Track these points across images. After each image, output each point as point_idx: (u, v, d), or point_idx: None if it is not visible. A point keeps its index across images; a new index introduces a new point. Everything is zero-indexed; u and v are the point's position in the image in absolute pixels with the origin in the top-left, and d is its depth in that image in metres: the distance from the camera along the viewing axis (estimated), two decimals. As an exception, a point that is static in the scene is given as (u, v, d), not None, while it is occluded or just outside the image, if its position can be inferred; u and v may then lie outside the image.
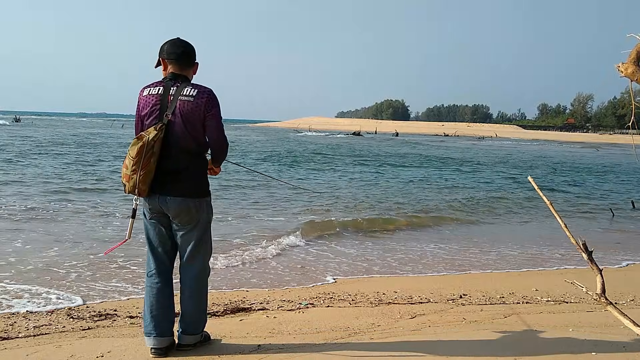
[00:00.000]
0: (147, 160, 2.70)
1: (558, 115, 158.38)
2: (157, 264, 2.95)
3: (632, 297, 4.85)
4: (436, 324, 3.78)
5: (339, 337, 3.39)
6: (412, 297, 4.73)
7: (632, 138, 36.14)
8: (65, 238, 6.69)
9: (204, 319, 3.07)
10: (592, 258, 2.59)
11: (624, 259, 7.04)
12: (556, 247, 7.55)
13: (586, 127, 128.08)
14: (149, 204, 2.86)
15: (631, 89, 2.43)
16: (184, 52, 2.84)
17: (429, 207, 10.93)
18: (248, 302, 4.44)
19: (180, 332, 3.00)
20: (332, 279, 5.56)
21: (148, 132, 2.72)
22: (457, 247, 7.46)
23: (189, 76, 2.88)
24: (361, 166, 21.18)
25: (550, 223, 9.37)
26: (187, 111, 2.75)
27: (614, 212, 11.31)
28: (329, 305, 4.38)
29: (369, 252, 6.96)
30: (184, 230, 2.87)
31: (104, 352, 3.02)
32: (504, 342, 3.34)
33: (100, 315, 3.99)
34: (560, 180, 18.61)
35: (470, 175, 19.52)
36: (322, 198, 11.59)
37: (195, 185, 2.84)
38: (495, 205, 11.73)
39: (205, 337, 3.10)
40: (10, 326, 3.69)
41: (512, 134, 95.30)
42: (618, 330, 3.52)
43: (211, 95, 2.80)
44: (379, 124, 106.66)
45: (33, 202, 9.22)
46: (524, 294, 4.89)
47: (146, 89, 2.85)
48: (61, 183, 11.78)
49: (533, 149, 46.92)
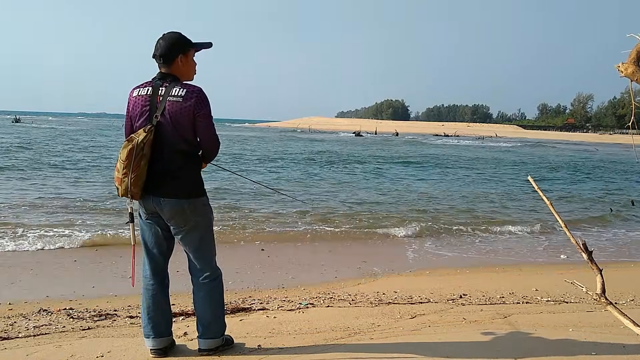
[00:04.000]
0: (137, 163, 2.65)
1: (558, 115, 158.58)
2: (153, 266, 2.93)
3: (632, 297, 4.84)
4: (436, 324, 3.77)
5: (339, 337, 3.39)
6: (412, 297, 4.72)
7: (632, 138, 36.11)
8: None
9: (223, 322, 2.99)
10: (592, 258, 2.59)
11: (624, 259, 7.04)
12: (556, 247, 7.55)
13: (586, 127, 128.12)
14: (144, 205, 2.83)
15: (631, 89, 2.42)
16: (165, 53, 2.74)
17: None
18: (248, 302, 4.44)
19: (199, 336, 2.96)
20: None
21: (138, 135, 2.67)
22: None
23: (176, 72, 2.79)
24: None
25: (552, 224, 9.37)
26: (176, 112, 2.68)
27: (613, 211, 11.34)
28: (329, 305, 4.38)
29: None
30: (183, 233, 2.84)
31: (104, 352, 3.02)
32: (504, 342, 3.34)
33: (100, 315, 3.98)
34: (559, 181, 18.61)
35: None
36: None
37: (188, 186, 2.79)
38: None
39: (227, 341, 3.05)
40: (10, 326, 3.69)
41: (512, 133, 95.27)
42: (618, 330, 3.52)
43: (200, 95, 2.72)
44: (379, 124, 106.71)
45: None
46: (524, 294, 4.89)
47: (136, 90, 2.80)
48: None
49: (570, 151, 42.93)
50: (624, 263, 6.80)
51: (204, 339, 2.94)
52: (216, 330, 2.96)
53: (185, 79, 2.83)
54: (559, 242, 7.99)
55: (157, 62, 2.79)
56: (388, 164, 23.36)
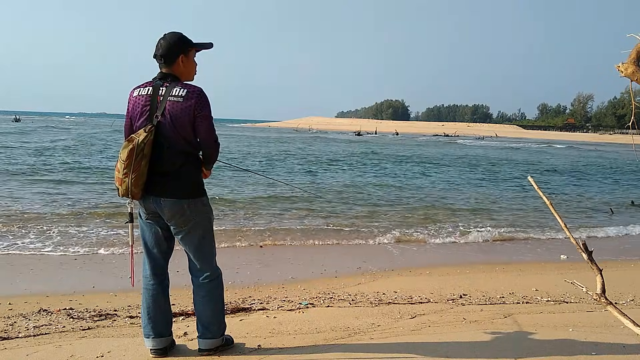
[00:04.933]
0: (137, 163, 2.66)
1: (558, 115, 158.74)
2: (153, 265, 2.93)
3: (632, 297, 4.84)
4: (436, 324, 3.77)
5: (339, 337, 3.39)
6: (412, 297, 4.72)
7: (632, 138, 36.14)
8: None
9: (223, 322, 3.00)
10: (592, 258, 2.59)
11: (624, 259, 7.04)
12: (556, 247, 7.54)
13: (586, 127, 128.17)
14: (144, 205, 2.83)
15: (631, 89, 2.42)
16: (166, 53, 2.75)
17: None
18: (248, 302, 4.44)
19: (199, 336, 2.96)
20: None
21: (138, 135, 2.67)
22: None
23: (177, 72, 2.79)
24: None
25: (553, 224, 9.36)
26: (177, 112, 2.68)
27: (613, 211, 11.33)
28: (329, 305, 4.38)
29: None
30: (183, 233, 2.84)
31: (104, 352, 3.02)
32: (504, 342, 3.34)
33: (100, 315, 3.98)
34: (559, 180, 18.61)
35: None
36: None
37: (188, 186, 2.79)
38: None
39: (227, 341, 3.06)
40: (10, 326, 3.69)
41: (512, 134, 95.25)
42: (618, 330, 3.52)
43: (201, 96, 2.72)
44: (379, 124, 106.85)
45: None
46: (524, 294, 4.89)
47: (136, 90, 2.80)
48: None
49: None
50: (624, 263, 6.80)
51: (204, 339, 2.94)
52: (216, 330, 2.96)
53: (185, 79, 2.84)
54: (559, 242, 7.99)
55: (158, 62, 2.80)
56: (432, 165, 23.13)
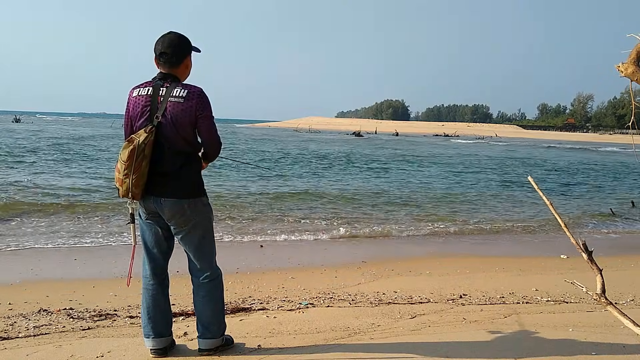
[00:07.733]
0: (138, 164, 2.65)
1: (558, 115, 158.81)
2: (153, 266, 2.93)
3: (632, 297, 4.84)
4: (436, 324, 3.77)
5: (339, 337, 3.39)
6: (412, 297, 4.72)
7: (632, 138, 36.10)
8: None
9: (223, 322, 3.00)
10: (592, 258, 2.58)
11: (624, 259, 7.04)
12: (556, 247, 7.54)
13: (586, 127, 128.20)
14: (144, 205, 2.83)
15: (631, 89, 2.42)
16: (173, 53, 2.74)
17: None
18: (248, 302, 4.44)
19: (198, 336, 2.96)
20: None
21: (138, 135, 2.67)
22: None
23: (178, 73, 2.79)
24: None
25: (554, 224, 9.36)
26: (177, 113, 2.68)
27: (614, 212, 11.33)
28: (329, 305, 4.38)
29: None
30: (183, 233, 2.84)
31: (104, 352, 3.02)
32: (504, 342, 3.34)
33: (100, 315, 3.98)
34: (559, 180, 18.61)
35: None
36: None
37: (188, 186, 2.79)
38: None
39: (227, 341, 3.06)
40: (10, 326, 3.69)
41: (512, 134, 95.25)
42: (618, 330, 3.52)
43: (202, 96, 2.72)
44: (379, 124, 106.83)
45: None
46: (524, 294, 4.89)
47: (135, 90, 2.79)
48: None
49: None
50: (624, 263, 6.79)
51: (204, 339, 2.95)
52: (216, 330, 2.96)
53: (183, 80, 2.84)
54: (559, 242, 7.99)
55: (161, 61, 2.77)
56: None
